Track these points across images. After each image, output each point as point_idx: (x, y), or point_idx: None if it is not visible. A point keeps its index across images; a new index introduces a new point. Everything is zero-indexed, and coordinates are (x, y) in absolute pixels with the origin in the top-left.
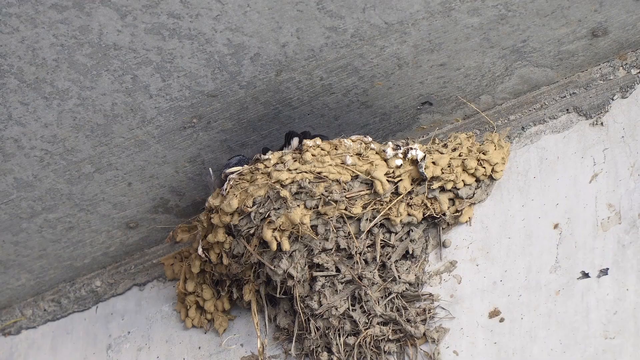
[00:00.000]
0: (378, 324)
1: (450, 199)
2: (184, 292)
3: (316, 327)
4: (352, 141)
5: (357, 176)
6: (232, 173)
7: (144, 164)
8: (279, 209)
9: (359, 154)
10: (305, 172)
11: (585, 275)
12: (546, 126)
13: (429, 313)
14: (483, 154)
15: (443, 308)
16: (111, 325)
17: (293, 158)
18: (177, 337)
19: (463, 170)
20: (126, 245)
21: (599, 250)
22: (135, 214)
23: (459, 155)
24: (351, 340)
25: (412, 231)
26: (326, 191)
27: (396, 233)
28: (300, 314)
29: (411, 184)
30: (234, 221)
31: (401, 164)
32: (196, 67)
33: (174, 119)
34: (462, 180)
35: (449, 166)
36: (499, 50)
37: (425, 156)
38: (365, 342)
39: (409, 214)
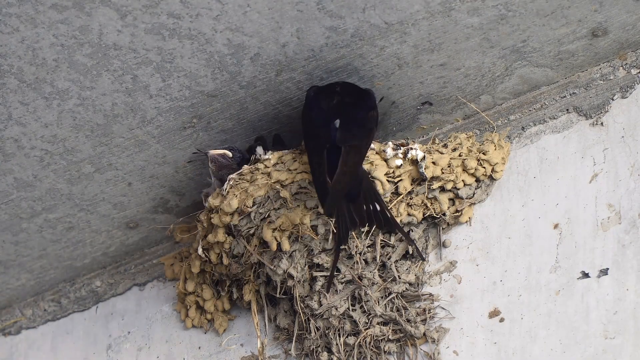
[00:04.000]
0: (378, 324)
1: (450, 199)
2: (184, 292)
3: (316, 327)
4: None
5: None
6: (217, 154)
7: (144, 164)
8: (279, 209)
9: None
10: (306, 172)
11: (585, 275)
12: (546, 126)
13: (429, 313)
14: (483, 154)
15: (443, 308)
16: (111, 325)
17: (293, 158)
18: (177, 337)
19: (463, 170)
20: (126, 245)
21: (599, 250)
22: (135, 214)
23: (459, 155)
24: (351, 340)
25: (412, 231)
26: None
27: (396, 233)
28: (300, 314)
29: (411, 184)
30: (234, 221)
31: (401, 164)
32: (196, 67)
33: (174, 119)
34: (462, 180)
35: (449, 166)
36: (499, 50)
37: (425, 156)
38: (365, 342)
39: (409, 214)
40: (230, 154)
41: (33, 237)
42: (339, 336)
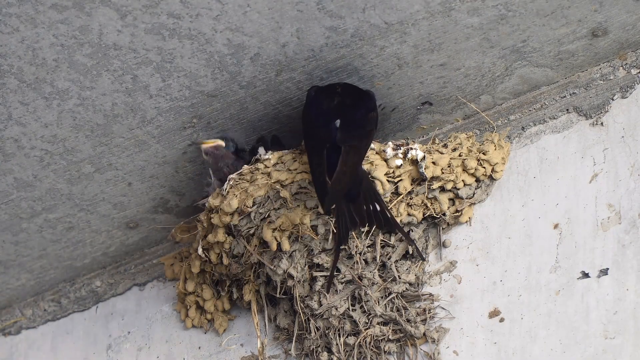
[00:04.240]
0: (378, 324)
1: (450, 199)
2: (184, 292)
3: (316, 327)
4: None
5: None
6: (210, 147)
7: (144, 164)
8: (279, 209)
9: None
10: (306, 172)
11: (585, 275)
12: (546, 126)
13: (429, 313)
14: (483, 154)
15: (443, 308)
16: (111, 325)
17: (293, 158)
18: (177, 337)
19: (463, 170)
20: (126, 245)
21: (599, 250)
22: (135, 214)
23: (459, 155)
24: (351, 340)
25: (412, 231)
26: None
27: (396, 233)
28: (300, 314)
29: (411, 184)
30: (234, 221)
31: (401, 164)
32: (196, 67)
33: (174, 119)
34: (462, 180)
35: (449, 166)
36: (499, 50)
37: (425, 156)
38: (365, 342)
39: (409, 214)
40: (222, 143)
41: (33, 237)
42: (339, 336)
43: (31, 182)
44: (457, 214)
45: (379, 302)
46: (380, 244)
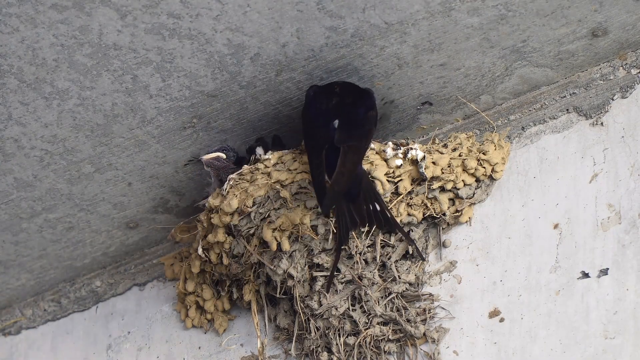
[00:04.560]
0: (378, 324)
1: (450, 199)
2: (184, 292)
3: (316, 327)
4: None
5: None
6: (211, 158)
7: (144, 164)
8: (279, 209)
9: None
10: (306, 172)
11: (585, 275)
12: (546, 126)
13: (429, 313)
14: (483, 154)
15: (443, 308)
16: (111, 325)
17: (293, 158)
18: (177, 337)
19: (463, 170)
20: (126, 245)
21: (599, 250)
22: (135, 214)
23: (459, 155)
24: (351, 340)
25: (412, 231)
26: None
27: (396, 233)
28: (300, 314)
29: (411, 184)
30: (234, 221)
31: (401, 164)
32: (196, 67)
33: (174, 119)
34: (462, 180)
35: (449, 166)
36: (499, 50)
37: (425, 156)
38: (365, 342)
39: (409, 214)
40: (223, 155)
41: (33, 237)
42: (339, 336)
43: (31, 182)
44: (457, 214)
45: (379, 302)
46: (380, 244)
